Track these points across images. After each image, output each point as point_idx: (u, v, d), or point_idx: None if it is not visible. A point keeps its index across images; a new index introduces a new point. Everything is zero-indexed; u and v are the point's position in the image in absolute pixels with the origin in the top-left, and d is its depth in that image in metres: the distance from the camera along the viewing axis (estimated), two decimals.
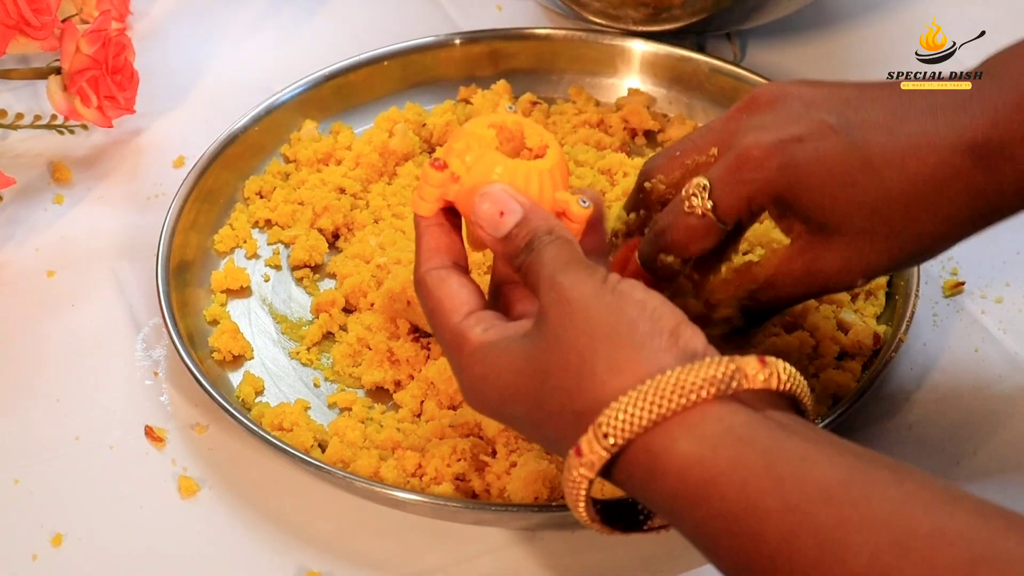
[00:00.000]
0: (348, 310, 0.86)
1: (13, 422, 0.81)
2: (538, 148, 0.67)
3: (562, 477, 0.58)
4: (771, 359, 0.57)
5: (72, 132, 0.97)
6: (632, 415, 0.55)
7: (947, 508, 0.50)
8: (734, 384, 0.55)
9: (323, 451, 0.77)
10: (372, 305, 0.84)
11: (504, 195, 0.64)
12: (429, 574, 0.74)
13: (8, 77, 0.97)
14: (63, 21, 0.95)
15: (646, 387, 0.55)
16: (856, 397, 0.76)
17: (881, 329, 0.81)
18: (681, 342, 0.57)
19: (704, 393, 0.55)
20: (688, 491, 0.54)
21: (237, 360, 0.83)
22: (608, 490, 0.61)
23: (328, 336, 0.85)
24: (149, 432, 0.80)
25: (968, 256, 0.89)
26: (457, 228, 0.67)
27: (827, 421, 0.75)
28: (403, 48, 0.99)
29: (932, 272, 0.88)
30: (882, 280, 0.84)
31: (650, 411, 0.55)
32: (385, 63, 0.99)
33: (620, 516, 0.61)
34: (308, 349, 0.84)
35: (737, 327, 0.74)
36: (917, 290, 0.81)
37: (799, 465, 0.53)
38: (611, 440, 0.55)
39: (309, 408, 0.80)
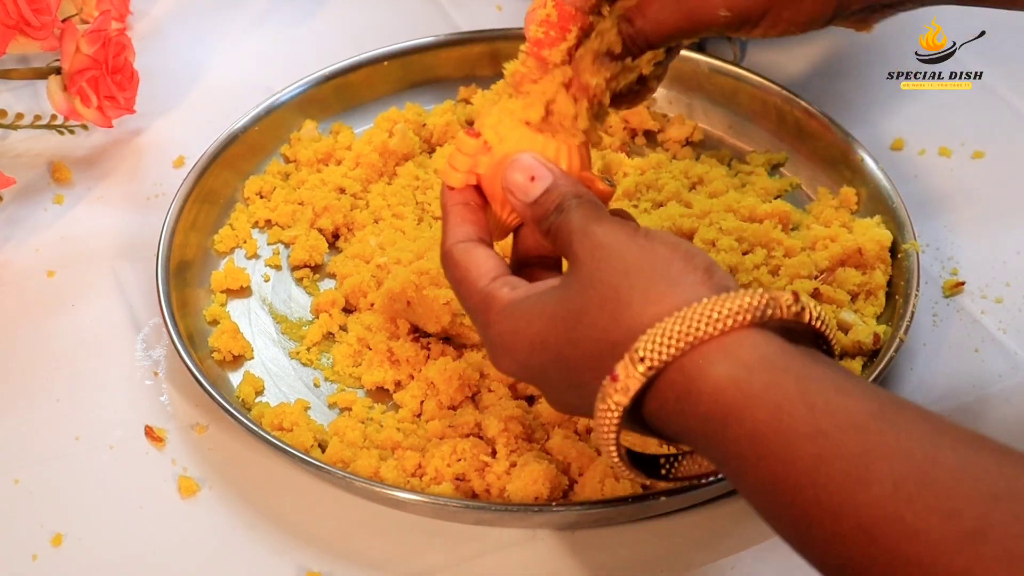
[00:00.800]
0: (348, 310, 0.86)
1: (13, 422, 0.81)
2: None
3: (594, 413, 0.59)
4: (804, 296, 0.58)
5: (72, 132, 0.97)
6: (669, 339, 0.56)
7: (972, 446, 0.51)
8: (768, 312, 0.56)
9: (323, 451, 0.77)
10: (372, 305, 0.84)
11: (534, 162, 0.66)
12: (429, 574, 0.74)
13: (8, 77, 0.97)
14: (63, 21, 0.95)
15: (682, 313, 0.56)
16: None
17: (881, 329, 0.81)
18: (715, 278, 0.59)
19: (740, 319, 0.56)
20: (721, 412, 0.55)
21: (237, 360, 0.83)
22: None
23: (328, 336, 0.85)
24: (149, 432, 0.80)
25: (968, 256, 0.89)
26: (483, 208, 0.69)
27: None
28: (403, 48, 0.99)
29: (932, 272, 0.88)
30: (882, 280, 0.84)
31: (686, 335, 0.56)
32: (385, 63, 0.99)
33: (644, 467, 0.62)
34: (308, 349, 0.84)
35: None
36: (917, 290, 0.81)
37: (832, 394, 0.54)
38: (648, 363, 0.56)
39: (309, 408, 0.80)
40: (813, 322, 0.58)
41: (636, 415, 0.59)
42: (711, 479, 0.64)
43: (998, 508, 0.49)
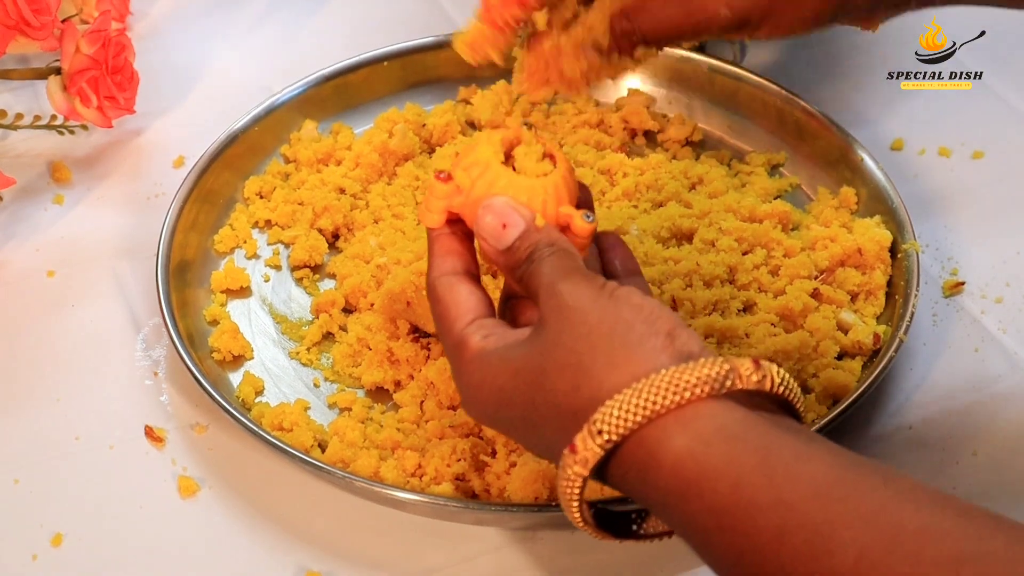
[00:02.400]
0: (348, 310, 0.86)
1: (13, 422, 0.81)
2: (544, 162, 0.67)
3: (557, 478, 0.59)
4: (765, 362, 0.57)
5: (72, 132, 0.97)
6: (627, 411, 0.56)
7: (935, 507, 0.51)
8: (728, 383, 0.56)
9: (323, 451, 0.77)
10: (372, 305, 0.84)
11: (507, 207, 0.65)
12: (429, 574, 0.74)
13: (8, 77, 0.97)
14: (63, 21, 0.95)
15: (641, 385, 0.56)
16: (856, 397, 0.76)
17: (881, 329, 0.81)
18: (677, 344, 0.58)
19: (699, 391, 0.56)
20: (681, 486, 0.55)
21: (237, 360, 0.83)
22: (608, 493, 0.61)
23: (328, 336, 0.85)
24: (149, 432, 0.80)
25: (968, 256, 0.89)
26: (469, 236, 0.68)
27: (827, 420, 0.75)
28: (403, 48, 0.99)
29: (932, 272, 0.88)
30: (882, 280, 0.84)
31: (644, 408, 0.55)
32: (385, 63, 0.99)
33: (613, 522, 0.62)
34: (308, 349, 0.84)
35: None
36: (917, 290, 0.81)
37: (791, 462, 0.54)
38: (605, 436, 0.56)
39: (309, 408, 0.80)
40: (776, 389, 0.57)
41: (600, 475, 0.59)
42: (669, 536, 0.62)
43: (963, 572, 0.48)
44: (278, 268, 0.89)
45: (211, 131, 0.93)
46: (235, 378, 0.82)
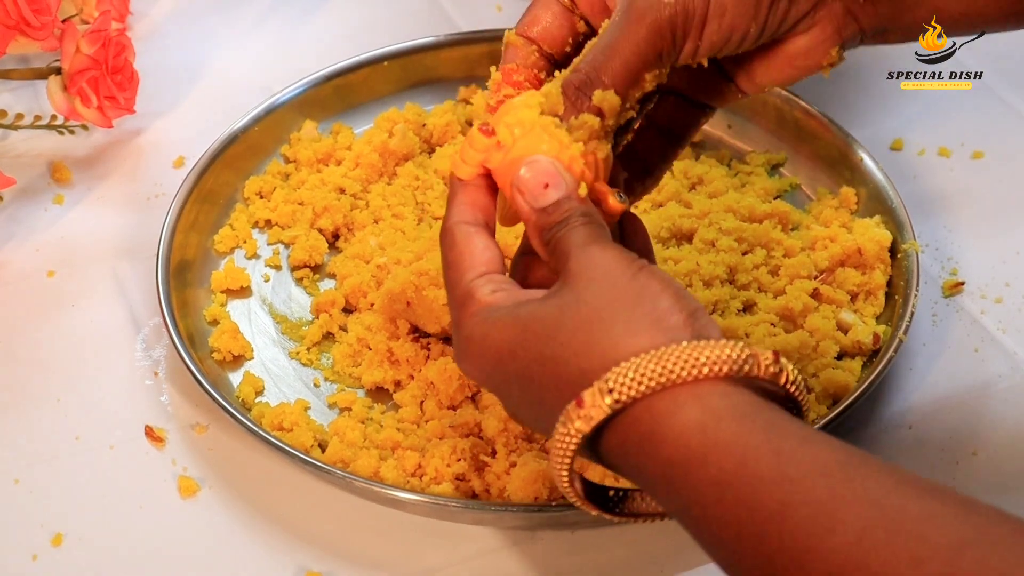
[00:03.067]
0: (348, 310, 0.86)
1: (13, 422, 0.81)
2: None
3: (552, 435, 0.58)
4: (784, 359, 0.57)
5: (72, 132, 0.97)
6: (642, 375, 0.55)
7: (938, 496, 0.51)
8: (746, 368, 0.56)
9: (323, 451, 0.77)
10: (372, 305, 0.84)
11: (552, 168, 0.64)
12: (429, 574, 0.74)
13: (8, 77, 0.97)
14: (63, 21, 0.95)
15: (660, 352, 0.56)
16: (856, 397, 0.76)
17: (881, 329, 0.81)
18: (698, 325, 0.58)
19: (717, 369, 0.55)
20: (685, 457, 0.54)
21: (237, 360, 0.83)
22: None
23: (328, 336, 0.85)
24: (149, 432, 0.80)
25: (968, 256, 0.89)
26: (493, 193, 0.67)
27: (827, 420, 0.75)
28: (403, 48, 0.99)
29: (932, 272, 0.88)
30: (881, 280, 0.84)
31: (660, 375, 0.55)
32: (385, 63, 0.99)
33: (596, 499, 0.61)
34: (308, 349, 0.84)
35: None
36: (917, 290, 0.81)
37: (798, 444, 0.53)
38: (616, 395, 0.55)
39: (309, 408, 0.80)
40: (788, 385, 0.57)
41: (593, 446, 0.58)
42: (659, 518, 0.62)
43: (964, 556, 0.48)
44: (278, 268, 0.89)
45: (211, 131, 0.93)
46: (235, 378, 0.82)
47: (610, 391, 0.56)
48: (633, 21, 0.65)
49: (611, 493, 0.61)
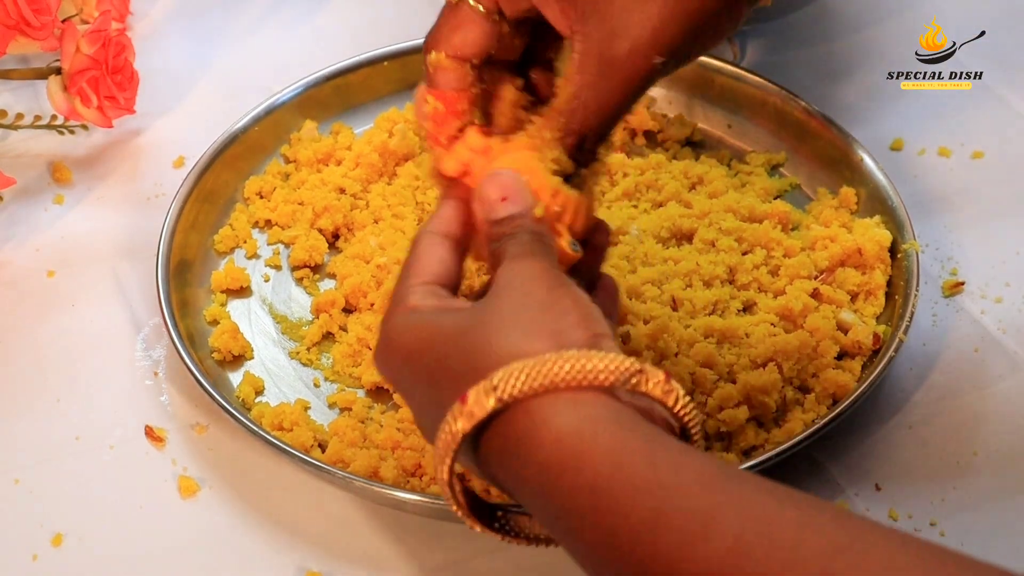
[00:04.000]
0: (348, 310, 0.86)
1: (13, 422, 0.81)
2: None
3: (437, 435, 0.57)
4: (676, 383, 0.57)
5: (72, 132, 0.97)
6: (526, 376, 0.55)
7: (815, 507, 0.51)
8: (632, 381, 0.56)
9: (323, 451, 0.77)
10: (372, 305, 0.84)
11: (514, 183, 0.64)
12: (429, 574, 0.74)
13: (8, 77, 0.97)
14: (63, 21, 0.95)
15: (547, 356, 0.55)
16: (856, 397, 0.76)
17: (881, 329, 0.81)
18: (602, 344, 0.57)
19: (601, 378, 0.55)
20: (559, 460, 0.54)
21: (237, 360, 0.83)
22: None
23: (328, 336, 0.85)
24: (149, 432, 0.80)
25: (968, 256, 0.89)
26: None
27: (827, 420, 0.75)
28: (403, 48, 0.99)
29: (932, 272, 0.88)
30: (881, 280, 0.84)
31: (544, 377, 0.55)
32: (385, 63, 0.99)
33: (481, 514, 0.61)
34: (308, 349, 0.84)
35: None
36: (917, 290, 0.81)
37: (677, 455, 0.53)
38: (498, 394, 0.55)
39: (309, 408, 0.80)
40: (676, 408, 0.57)
41: (475, 451, 0.57)
42: (544, 543, 0.61)
43: (839, 560, 0.48)
44: (278, 268, 0.89)
45: (211, 131, 0.93)
46: (235, 378, 0.82)
47: (494, 388, 0.55)
48: (623, 84, 0.64)
49: (499, 513, 0.61)
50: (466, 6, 0.68)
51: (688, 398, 0.57)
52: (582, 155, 0.66)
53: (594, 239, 0.68)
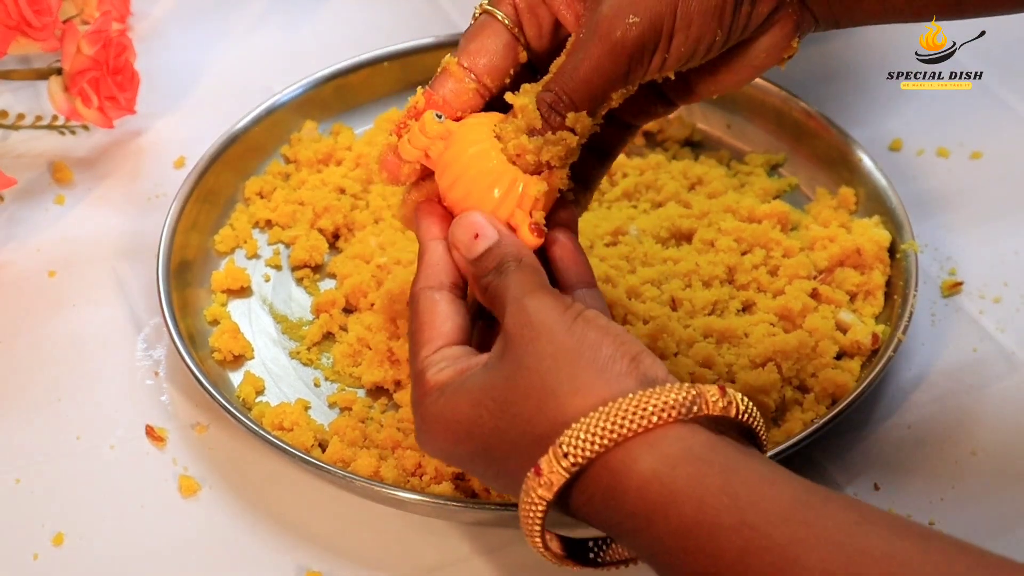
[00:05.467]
0: (348, 310, 0.86)
1: (14, 422, 0.81)
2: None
3: (519, 504, 0.58)
4: (731, 390, 0.58)
5: (73, 133, 0.97)
6: (593, 435, 0.56)
7: (899, 534, 0.51)
8: (695, 408, 0.56)
9: (323, 451, 0.77)
10: (372, 305, 0.85)
11: (480, 220, 0.65)
12: (429, 573, 0.74)
13: (9, 78, 0.98)
14: (64, 22, 0.96)
15: (608, 408, 0.56)
16: (855, 397, 0.76)
17: (879, 329, 0.82)
18: (642, 368, 0.58)
19: (666, 416, 0.56)
20: (646, 508, 0.55)
21: (237, 360, 0.83)
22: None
23: (328, 336, 0.85)
24: (150, 432, 0.80)
25: (966, 256, 0.89)
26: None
27: (826, 420, 0.75)
28: (403, 49, 0.99)
29: (930, 272, 0.88)
30: (880, 280, 0.84)
31: (611, 431, 0.56)
32: (385, 64, 0.99)
33: (574, 550, 0.61)
34: (308, 349, 0.84)
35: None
36: (915, 290, 0.81)
37: (756, 485, 0.54)
38: (571, 459, 0.56)
39: (309, 408, 0.81)
40: (740, 416, 0.58)
41: (564, 505, 0.58)
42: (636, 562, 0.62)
43: None
44: (278, 268, 0.89)
45: (211, 131, 0.93)
46: (236, 378, 0.82)
47: (565, 455, 0.56)
48: (601, 42, 0.65)
49: (591, 544, 0.62)
50: (489, 18, 0.69)
51: (745, 401, 0.58)
52: (553, 116, 0.66)
53: (558, 216, 0.69)
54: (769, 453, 0.73)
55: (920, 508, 0.75)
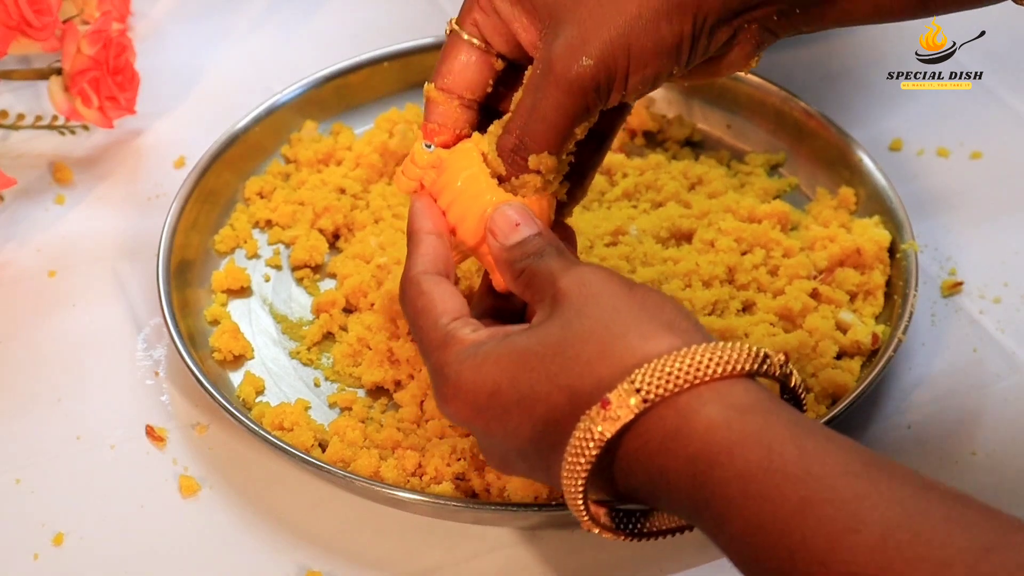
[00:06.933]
0: (348, 310, 0.86)
1: (14, 422, 0.81)
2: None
3: (566, 452, 0.57)
4: (789, 363, 0.59)
5: (73, 133, 0.98)
6: (670, 374, 0.56)
7: (961, 500, 0.51)
8: (764, 367, 0.57)
9: (323, 451, 0.77)
10: (372, 305, 0.85)
11: (522, 210, 0.66)
12: (429, 573, 0.74)
13: (9, 78, 0.98)
14: (64, 22, 0.95)
15: (684, 352, 0.56)
16: (855, 397, 0.76)
17: (879, 329, 0.82)
18: (703, 332, 0.59)
19: (739, 368, 0.56)
20: (711, 451, 0.55)
21: (238, 360, 0.83)
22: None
23: (328, 336, 0.85)
24: (150, 432, 0.80)
25: (966, 256, 0.89)
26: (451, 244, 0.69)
27: (825, 420, 0.75)
28: (403, 49, 0.99)
29: (930, 272, 0.88)
30: (880, 280, 0.84)
31: (688, 372, 0.56)
32: (385, 64, 0.99)
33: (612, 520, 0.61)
34: (308, 349, 0.84)
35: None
36: (915, 290, 0.81)
37: (823, 441, 0.54)
38: (643, 395, 0.56)
39: (309, 408, 0.81)
40: (796, 386, 0.59)
41: (606, 465, 0.58)
42: (678, 532, 0.61)
43: (989, 560, 0.48)
44: (279, 268, 0.89)
45: (212, 131, 0.93)
46: (236, 378, 0.82)
47: (637, 391, 0.56)
48: (555, 84, 0.65)
49: (638, 514, 0.61)
50: (456, 37, 0.70)
51: (799, 376, 0.59)
52: (515, 161, 0.67)
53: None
54: None
55: None
